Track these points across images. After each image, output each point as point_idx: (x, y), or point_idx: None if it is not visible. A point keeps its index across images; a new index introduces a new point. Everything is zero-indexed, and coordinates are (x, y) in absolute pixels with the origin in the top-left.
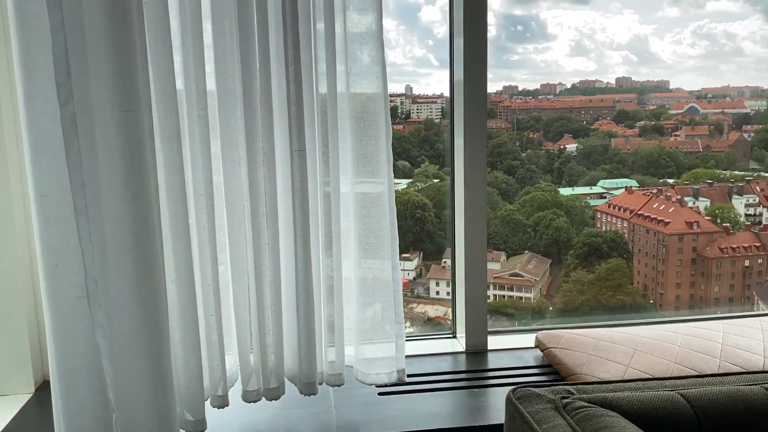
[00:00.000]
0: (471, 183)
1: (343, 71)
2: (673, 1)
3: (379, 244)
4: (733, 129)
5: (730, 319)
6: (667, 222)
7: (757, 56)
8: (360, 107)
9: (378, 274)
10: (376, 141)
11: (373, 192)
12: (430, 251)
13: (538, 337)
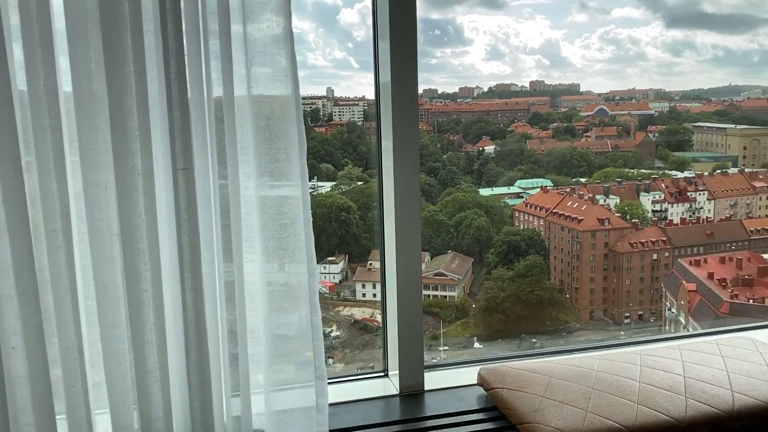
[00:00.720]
0: (402, 191)
1: (243, 69)
2: (581, 7)
3: (295, 293)
4: (639, 129)
5: (684, 339)
6: (581, 219)
7: (659, 60)
8: (266, 112)
9: (294, 322)
10: (286, 153)
11: (284, 221)
12: (356, 254)
13: (481, 374)
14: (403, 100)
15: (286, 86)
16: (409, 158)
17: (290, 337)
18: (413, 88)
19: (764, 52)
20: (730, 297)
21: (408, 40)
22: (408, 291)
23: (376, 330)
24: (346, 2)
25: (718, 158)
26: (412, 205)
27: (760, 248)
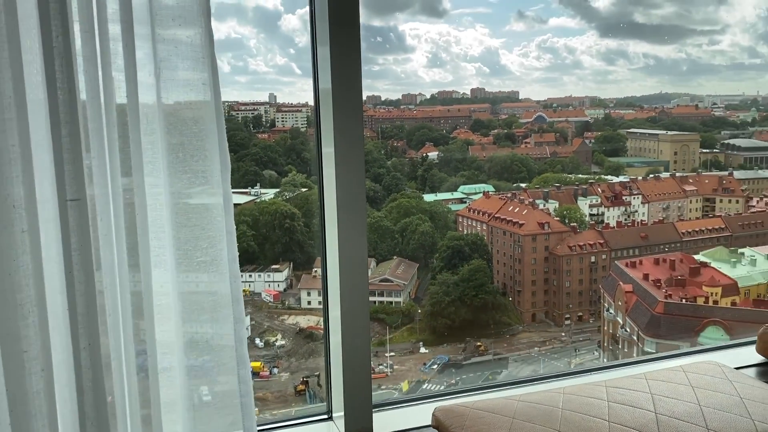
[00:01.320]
0: (347, 200)
1: (151, 75)
2: (519, 16)
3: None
4: (576, 136)
5: (647, 365)
6: (522, 224)
7: (593, 69)
8: (182, 119)
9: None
10: (204, 162)
11: (204, 234)
12: (301, 261)
13: (436, 415)
14: (346, 106)
15: (205, 92)
16: (353, 165)
17: (207, 369)
18: (357, 95)
19: (692, 61)
20: (664, 297)
21: (350, 45)
22: (353, 317)
23: (321, 338)
24: (287, 8)
25: (651, 163)
26: (357, 219)
27: (692, 249)
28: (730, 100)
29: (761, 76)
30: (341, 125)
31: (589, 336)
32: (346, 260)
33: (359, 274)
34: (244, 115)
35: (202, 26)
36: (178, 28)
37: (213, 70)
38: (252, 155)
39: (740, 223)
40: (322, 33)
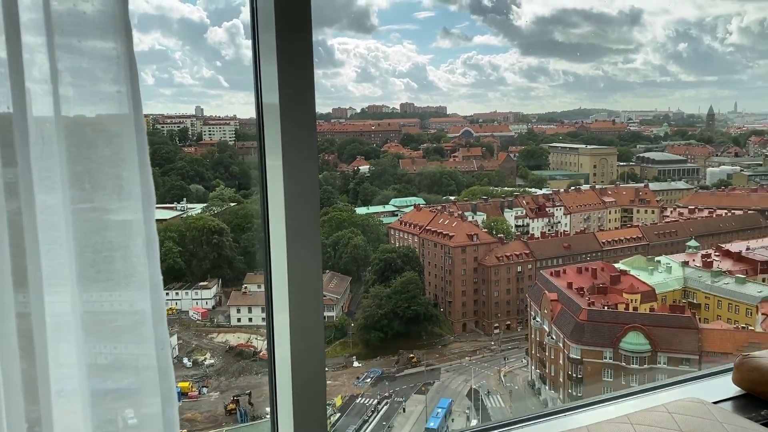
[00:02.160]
0: (298, 214)
1: (66, 82)
2: (444, 33)
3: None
4: (502, 150)
5: (627, 400)
6: (452, 235)
7: (516, 85)
8: (91, 132)
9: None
10: (117, 177)
11: (116, 251)
12: (230, 277)
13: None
14: (299, 119)
15: (120, 104)
16: (307, 178)
17: (131, 391)
18: (309, 108)
19: (608, 78)
20: (587, 304)
21: (304, 58)
22: (306, 334)
23: (252, 355)
24: (213, 20)
25: (572, 176)
26: (310, 233)
27: (612, 258)
28: (644, 115)
29: (672, 93)
30: (292, 138)
31: (517, 344)
32: (298, 273)
33: (312, 289)
34: (170, 129)
35: (121, 38)
36: (97, 40)
37: (133, 82)
38: (178, 169)
39: (656, 233)
40: (266, 43)
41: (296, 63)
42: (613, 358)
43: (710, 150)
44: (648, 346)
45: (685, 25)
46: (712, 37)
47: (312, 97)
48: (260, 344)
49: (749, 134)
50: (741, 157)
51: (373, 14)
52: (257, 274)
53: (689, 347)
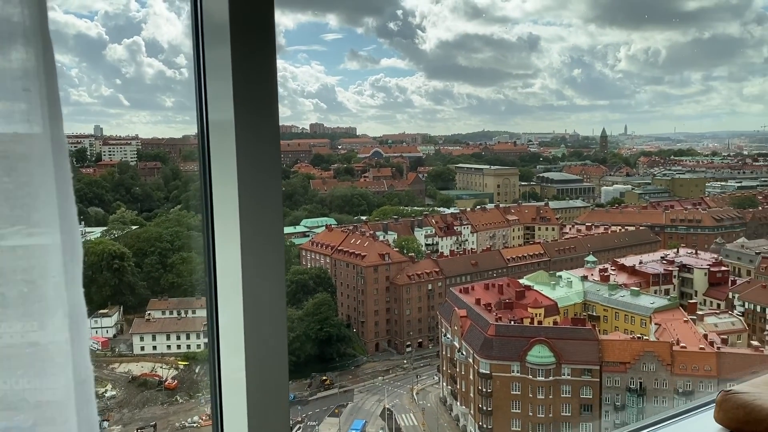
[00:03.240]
0: (258, 238)
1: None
2: (352, 56)
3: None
4: (411, 170)
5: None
6: (363, 255)
7: (423, 108)
8: None
9: None
10: (26, 198)
11: (26, 276)
12: (132, 304)
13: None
14: (260, 137)
15: (31, 123)
16: (270, 199)
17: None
18: (273, 125)
19: (509, 102)
20: (495, 320)
21: (268, 75)
22: (267, 363)
23: (157, 385)
24: (113, 37)
25: (477, 195)
26: (275, 258)
27: (516, 274)
28: (543, 137)
29: (568, 116)
30: (250, 157)
31: (429, 361)
32: (257, 299)
33: (277, 315)
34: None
35: (26, 51)
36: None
37: (45, 97)
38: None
39: (557, 249)
40: (218, 62)
41: (256, 79)
42: (520, 371)
43: (604, 170)
44: (553, 358)
45: (579, 52)
46: (603, 63)
47: (275, 114)
48: (165, 373)
49: (639, 155)
50: (632, 176)
51: (280, 34)
52: (161, 299)
53: (590, 358)
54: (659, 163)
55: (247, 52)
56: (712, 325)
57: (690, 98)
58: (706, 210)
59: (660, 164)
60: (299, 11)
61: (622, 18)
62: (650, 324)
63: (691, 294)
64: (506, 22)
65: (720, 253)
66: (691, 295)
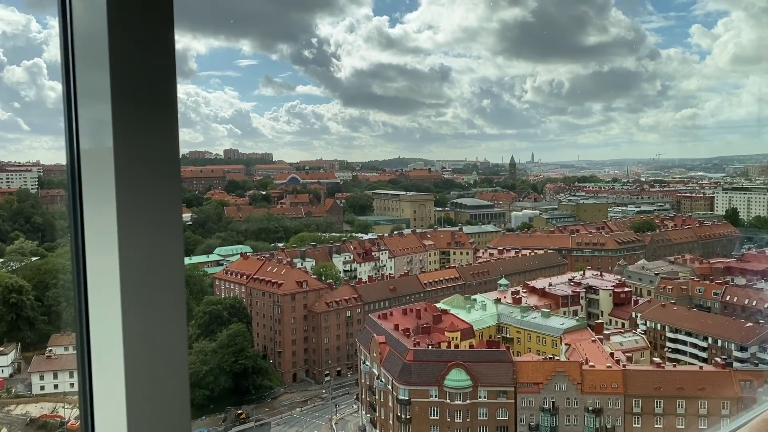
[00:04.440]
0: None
1: None
2: (267, 82)
3: None
4: (328, 196)
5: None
6: (280, 283)
7: (340, 135)
8: None
9: None
10: None
11: None
12: (31, 340)
13: None
14: (156, 164)
15: None
16: (171, 234)
17: None
18: (173, 156)
19: (423, 130)
20: (413, 345)
21: (165, 98)
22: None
23: (59, 426)
24: (11, 59)
25: (395, 221)
26: (175, 298)
27: (433, 298)
28: (456, 164)
29: (479, 144)
30: (136, 186)
31: (348, 390)
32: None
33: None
34: None
35: None
36: None
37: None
38: None
39: (471, 273)
40: (89, 83)
41: (145, 103)
42: (438, 395)
43: (513, 196)
44: (469, 381)
45: (488, 83)
46: (510, 94)
47: (175, 143)
48: (68, 413)
49: (545, 182)
50: (539, 202)
51: (191, 59)
52: (64, 334)
53: (506, 380)
54: (564, 189)
55: (134, 72)
56: (617, 344)
57: (592, 128)
58: (609, 233)
59: (565, 190)
60: (211, 36)
61: (527, 51)
62: (561, 344)
63: (598, 314)
64: (419, 52)
65: (623, 274)
66: (597, 315)
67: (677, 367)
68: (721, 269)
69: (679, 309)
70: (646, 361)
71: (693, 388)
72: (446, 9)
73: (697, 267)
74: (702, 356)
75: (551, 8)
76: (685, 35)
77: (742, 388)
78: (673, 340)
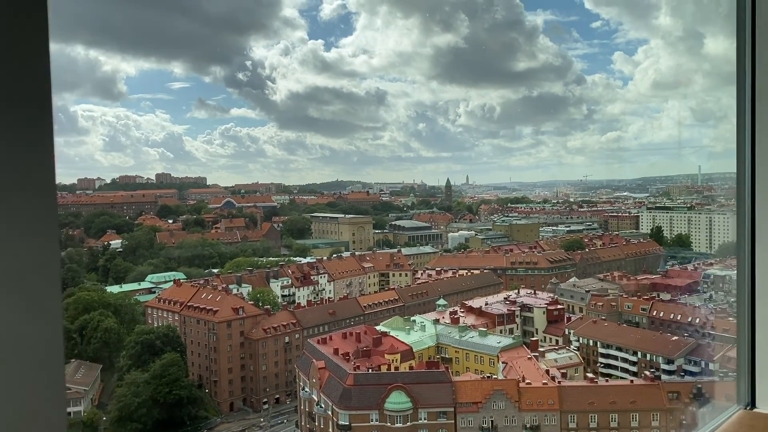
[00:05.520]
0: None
1: None
2: (200, 104)
3: None
4: (265, 220)
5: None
6: (216, 310)
7: (276, 157)
8: None
9: None
10: None
11: None
12: None
13: None
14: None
15: None
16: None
17: None
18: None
19: (361, 153)
20: (353, 369)
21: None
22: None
23: None
24: None
25: (333, 244)
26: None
27: (373, 321)
28: (394, 187)
29: (415, 167)
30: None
31: (287, 417)
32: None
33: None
34: None
35: None
36: None
37: None
38: None
39: (410, 294)
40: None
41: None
42: (379, 419)
43: (450, 217)
44: (410, 403)
45: (423, 108)
46: (445, 118)
47: (50, 164)
48: None
49: (480, 203)
50: (475, 222)
51: (121, 81)
52: None
53: (445, 400)
54: (498, 210)
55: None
56: (552, 361)
57: (523, 151)
58: (541, 253)
59: (499, 211)
60: (142, 58)
61: (460, 76)
62: (498, 363)
63: (533, 332)
64: (354, 76)
65: (555, 292)
66: (532, 333)
67: (609, 381)
68: (647, 285)
69: (609, 325)
70: (580, 376)
71: (625, 402)
72: (381, 34)
73: (625, 284)
74: (632, 370)
75: (483, 35)
76: (609, 62)
77: (669, 400)
78: (604, 356)
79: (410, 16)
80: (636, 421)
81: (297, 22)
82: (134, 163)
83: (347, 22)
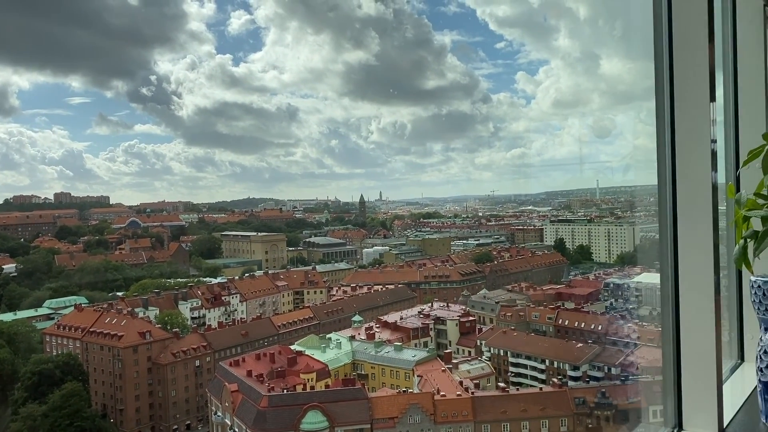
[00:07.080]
0: None
1: None
2: (101, 120)
3: None
4: (173, 240)
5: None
6: (121, 335)
7: (184, 175)
8: None
9: None
10: None
11: None
12: None
13: None
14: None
15: None
16: None
17: None
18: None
19: (273, 170)
20: (268, 390)
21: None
22: None
23: None
24: None
25: (246, 263)
26: None
27: (287, 340)
28: (307, 203)
29: (329, 183)
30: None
31: None
32: None
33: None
34: None
35: None
36: None
37: None
38: None
39: (325, 311)
40: None
41: None
42: None
43: (364, 233)
44: (326, 422)
45: (335, 124)
46: (357, 135)
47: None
48: None
49: (393, 218)
50: (389, 238)
51: (13, 95)
52: None
53: (362, 417)
54: (411, 225)
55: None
56: (465, 372)
57: (433, 167)
58: (453, 266)
59: (412, 226)
60: (36, 71)
61: (371, 93)
62: (413, 376)
63: (447, 344)
64: (265, 92)
65: (467, 304)
66: (446, 345)
67: (520, 390)
68: (552, 295)
69: (518, 334)
70: (492, 386)
71: (535, 409)
72: (291, 50)
73: (532, 294)
74: (541, 378)
75: (393, 53)
76: (512, 81)
77: (576, 405)
78: (515, 365)
79: (321, 32)
80: (546, 427)
81: (204, 35)
82: (30, 182)
83: (256, 37)
